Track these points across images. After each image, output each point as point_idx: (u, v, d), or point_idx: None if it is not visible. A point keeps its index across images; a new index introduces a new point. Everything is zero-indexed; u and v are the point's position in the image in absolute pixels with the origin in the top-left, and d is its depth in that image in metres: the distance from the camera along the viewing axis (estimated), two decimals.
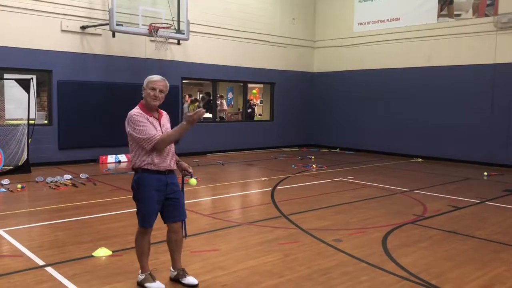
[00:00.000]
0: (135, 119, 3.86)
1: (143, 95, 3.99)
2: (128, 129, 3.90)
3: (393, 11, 14.71)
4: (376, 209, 7.26)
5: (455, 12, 13.36)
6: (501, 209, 7.47)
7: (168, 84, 4.09)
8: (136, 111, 3.94)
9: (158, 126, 3.94)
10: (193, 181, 4.20)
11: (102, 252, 4.91)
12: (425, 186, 9.38)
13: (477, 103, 12.77)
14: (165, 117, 4.10)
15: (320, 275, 4.40)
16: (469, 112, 12.94)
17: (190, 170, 4.13)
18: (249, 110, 18.39)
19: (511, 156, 12.19)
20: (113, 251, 4.97)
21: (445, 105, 13.43)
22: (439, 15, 13.68)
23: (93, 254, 4.88)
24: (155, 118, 3.97)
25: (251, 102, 21.02)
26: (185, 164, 4.14)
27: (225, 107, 19.23)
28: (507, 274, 4.50)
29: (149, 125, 3.86)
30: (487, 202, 7.95)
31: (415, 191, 8.87)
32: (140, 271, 4.11)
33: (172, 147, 4.03)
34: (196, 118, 3.69)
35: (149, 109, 3.97)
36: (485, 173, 11.17)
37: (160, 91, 3.95)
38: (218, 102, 17.19)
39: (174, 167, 4.06)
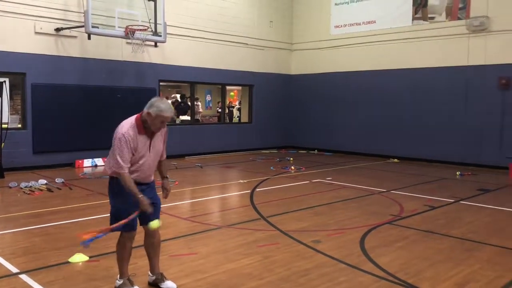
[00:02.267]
0: (121, 142, 3.69)
1: (144, 114, 3.76)
2: (114, 142, 3.76)
3: (368, 14, 14.91)
4: (354, 210, 7.34)
5: (429, 15, 13.63)
6: (475, 208, 7.64)
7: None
8: (125, 130, 3.71)
9: (146, 145, 3.83)
10: (154, 223, 3.92)
11: (79, 258, 4.83)
12: (401, 187, 9.53)
13: (451, 104, 13.04)
14: (157, 135, 3.92)
15: (299, 277, 4.43)
16: (444, 113, 13.20)
17: (150, 211, 3.85)
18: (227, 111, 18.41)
19: (484, 156, 12.48)
20: (90, 257, 4.89)
21: (420, 107, 13.67)
22: (413, 18, 13.94)
23: (70, 260, 4.80)
24: (148, 136, 3.85)
25: (231, 103, 21.04)
26: (144, 202, 3.78)
27: (201, 109, 19.19)
28: (481, 272, 4.60)
29: (128, 154, 3.71)
30: (461, 202, 8.12)
31: (392, 191, 9.00)
32: (118, 276, 4.06)
33: (152, 161, 3.95)
34: (143, 210, 3.76)
35: (145, 127, 3.80)
36: (458, 173, 11.41)
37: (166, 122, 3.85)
38: (196, 104, 17.14)
39: (151, 180, 4.02)
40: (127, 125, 3.76)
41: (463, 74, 12.83)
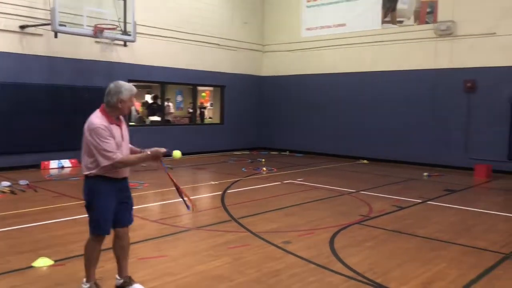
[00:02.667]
0: (100, 133, 3.66)
1: (112, 104, 3.77)
2: (89, 139, 3.70)
3: (339, 17, 15.08)
4: (324, 210, 7.39)
5: (398, 19, 13.90)
6: (442, 208, 7.81)
7: None
8: (99, 121, 3.71)
9: (119, 135, 3.82)
10: (177, 153, 4.04)
11: (43, 262, 4.69)
12: (370, 187, 9.66)
13: (419, 107, 13.33)
14: (123, 123, 3.97)
15: (270, 278, 4.42)
16: (412, 115, 13.48)
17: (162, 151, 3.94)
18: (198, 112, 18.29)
19: (450, 157, 12.79)
20: (55, 261, 4.76)
21: (389, 109, 13.92)
22: (383, 21, 14.18)
23: (33, 264, 4.66)
24: (118, 125, 3.83)
25: (202, 104, 20.93)
26: (156, 151, 3.91)
27: (172, 110, 18.99)
28: (447, 271, 4.71)
29: (112, 141, 3.70)
30: (428, 202, 8.30)
31: (361, 192, 9.12)
32: (84, 279, 3.96)
33: (127, 151, 3.96)
34: (160, 157, 3.84)
35: (113, 117, 3.80)
36: (425, 174, 11.67)
37: None
38: (167, 105, 16.95)
39: (127, 174, 4.00)
40: (97, 118, 3.75)
41: (431, 77, 13.13)
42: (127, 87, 3.82)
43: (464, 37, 12.55)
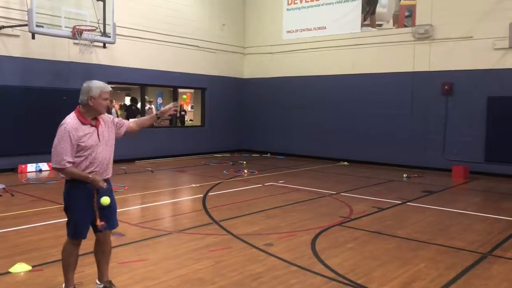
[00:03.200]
0: (60, 133, 3.63)
1: (84, 102, 3.74)
2: (55, 137, 3.68)
3: (319, 20, 15.20)
4: (306, 212, 7.42)
5: (377, 22, 14.07)
6: (421, 209, 7.92)
7: None
8: (68, 121, 3.68)
9: (95, 135, 3.76)
10: (105, 199, 3.73)
11: (21, 268, 4.59)
12: (351, 189, 9.74)
13: (398, 109, 13.51)
14: (102, 123, 3.87)
15: (252, 280, 4.41)
16: (391, 118, 13.65)
17: (104, 186, 3.74)
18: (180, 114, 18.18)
19: (429, 158, 13.00)
20: (32, 266, 4.66)
21: (369, 111, 14.06)
22: (362, 25, 14.34)
23: (10, 270, 4.55)
24: (93, 126, 3.77)
25: (181, 107, 20.81)
26: (95, 179, 3.69)
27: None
28: (426, 271, 4.77)
29: (68, 147, 3.61)
30: (408, 203, 8.40)
31: (342, 193, 9.19)
32: (63, 285, 3.89)
33: (108, 154, 3.87)
34: (98, 187, 3.68)
35: (88, 117, 3.76)
36: (405, 175, 11.82)
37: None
38: (149, 107, 16.81)
39: (108, 175, 3.92)
40: (68, 118, 3.74)
41: (409, 79, 13.32)
42: (98, 84, 3.79)
43: (442, 41, 12.77)
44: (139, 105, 15.75)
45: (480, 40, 12.08)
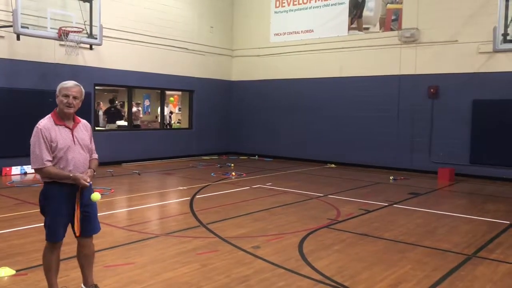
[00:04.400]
0: (35, 134, 3.65)
1: (57, 102, 3.77)
2: (31, 139, 3.67)
3: (307, 23, 15.26)
4: (293, 215, 7.43)
5: (364, 26, 14.18)
6: (407, 211, 7.98)
7: (83, 90, 3.90)
8: (44, 122, 3.70)
9: (69, 137, 3.73)
10: (95, 196, 3.71)
11: (4, 272, 4.52)
12: (338, 191, 9.78)
13: (385, 112, 13.61)
14: (81, 126, 3.87)
15: (239, 283, 4.40)
16: (378, 120, 13.75)
17: (88, 180, 3.70)
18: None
19: (415, 161, 13.11)
20: (16, 270, 4.59)
21: (356, 113, 14.15)
22: (349, 28, 14.43)
23: None
24: (67, 127, 3.75)
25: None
26: (78, 176, 3.65)
27: (141, 115, 18.71)
28: (412, 273, 4.80)
29: (43, 146, 3.61)
30: (394, 205, 8.46)
31: (329, 196, 9.22)
32: None
33: (83, 158, 3.82)
34: (78, 184, 3.66)
35: (62, 117, 3.75)
36: (391, 178, 11.91)
37: (74, 97, 3.74)
38: (136, 110, 16.69)
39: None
40: (43, 119, 3.75)
41: (396, 82, 13.44)
42: (63, 82, 3.83)
43: (428, 44, 12.91)
44: (126, 106, 15.60)
45: (465, 44, 12.24)
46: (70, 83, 3.81)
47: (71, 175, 3.65)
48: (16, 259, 4.99)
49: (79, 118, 3.92)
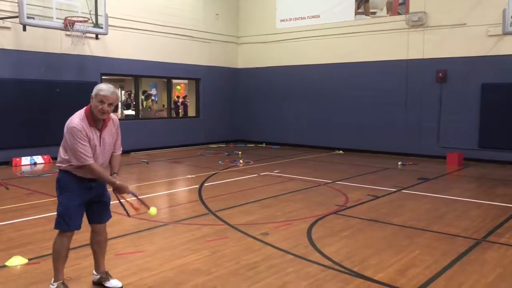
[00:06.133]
0: (75, 133, 3.58)
1: (91, 102, 3.70)
2: (66, 136, 3.64)
3: (313, 8, 15.12)
4: (301, 201, 7.44)
5: (371, 10, 14.02)
6: (416, 197, 7.96)
7: (119, 95, 3.86)
8: (77, 122, 3.62)
9: (96, 140, 3.72)
10: (153, 211, 4.01)
11: (17, 261, 4.58)
12: (346, 177, 9.77)
13: (393, 97, 13.52)
14: (110, 125, 3.82)
15: (248, 270, 4.43)
16: (386, 106, 13.66)
17: (127, 197, 3.91)
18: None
19: (423, 146, 13.05)
20: (29, 259, 4.66)
21: (364, 99, 14.06)
22: (356, 13, 14.28)
23: (6, 263, 4.55)
24: (97, 129, 3.73)
25: (182, 98, 20.70)
26: (123, 186, 3.83)
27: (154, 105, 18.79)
28: (421, 257, 4.80)
29: (86, 144, 3.62)
30: (403, 191, 8.44)
31: (337, 182, 9.21)
32: (53, 279, 3.86)
33: (106, 159, 3.88)
34: (121, 193, 3.85)
35: (94, 119, 3.71)
36: (399, 163, 11.86)
37: (110, 104, 3.67)
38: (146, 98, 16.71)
39: None
40: (77, 117, 3.67)
41: (403, 67, 13.32)
42: (100, 86, 3.69)
43: (436, 28, 12.75)
44: (132, 97, 15.63)
45: (474, 27, 12.07)
46: (107, 89, 3.66)
47: (117, 182, 3.74)
48: (28, 248, 5.06)
49: (110, 115, 3.83)
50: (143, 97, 19.00)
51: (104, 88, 3.67)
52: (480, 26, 11.98)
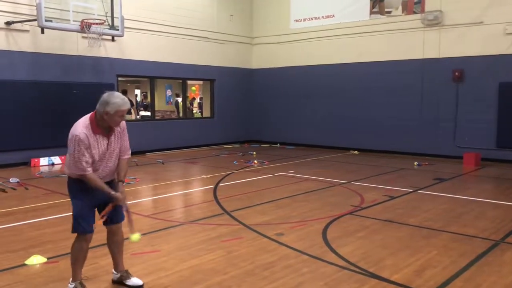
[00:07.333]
0: (77, 143, 3.60)
1: (100, 113, 3.66)
2: (69, 144, 3.66)
3: (327, 8, 15.07)
4: (316, 202, 7.43)
5: (386, 9, 13.92)
6: (432, 197, 7.89)
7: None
8: (81, 130, 3.61)
9: (104, 145, 3.74)
10: (135, 237, 3.92)
11: (36, 260, 4.67)
12: (361, 178, 9.72)
13: (408, 97, 13.40)
14: (116, 132, 3.85)
15: (263, 270, 4.44)
16: (401, 105, 13.55)
17: (123, 209, 3.93)
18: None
19: (440, 146, 12.91)
20: (48, 258, 4.74)
21: (379, 99, 13.97)
22: (371, 12, 14.20)
23: (26, 262, 4.63)
24: (104, 135, 3.75)
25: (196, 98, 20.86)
26: (119, 198, 3.80)
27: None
28: (437, 258, 4.76)
29: (87, 154, 3.62)
30: (419, 191, 8.37)
31: (353, 182, 9.17)
32: (71, 279, 3.93)
33: (114, 165, 3.90)
34: (115, 204, 3.82)
35: (101, 127, 3.71)
36: (415, 163, 11.76)
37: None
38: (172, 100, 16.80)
39: (113, 177, 3.95)
40: (80, 126, 3.66)
41: (419, 67, 13.19)
42: (116, 101, 3.65)
43: (452, 27, 12.61)
44: (140, 98, 15.76)
45: (491, 25, 11.91)
46: (124, 103, 3.68)
47: (112, 193, 3.75)
48: (47, 247, 5.14)
49: None
50: (177, 99, 19.16)
51: (121, 103, 3.67)
52: (497, 24, 11.81)
